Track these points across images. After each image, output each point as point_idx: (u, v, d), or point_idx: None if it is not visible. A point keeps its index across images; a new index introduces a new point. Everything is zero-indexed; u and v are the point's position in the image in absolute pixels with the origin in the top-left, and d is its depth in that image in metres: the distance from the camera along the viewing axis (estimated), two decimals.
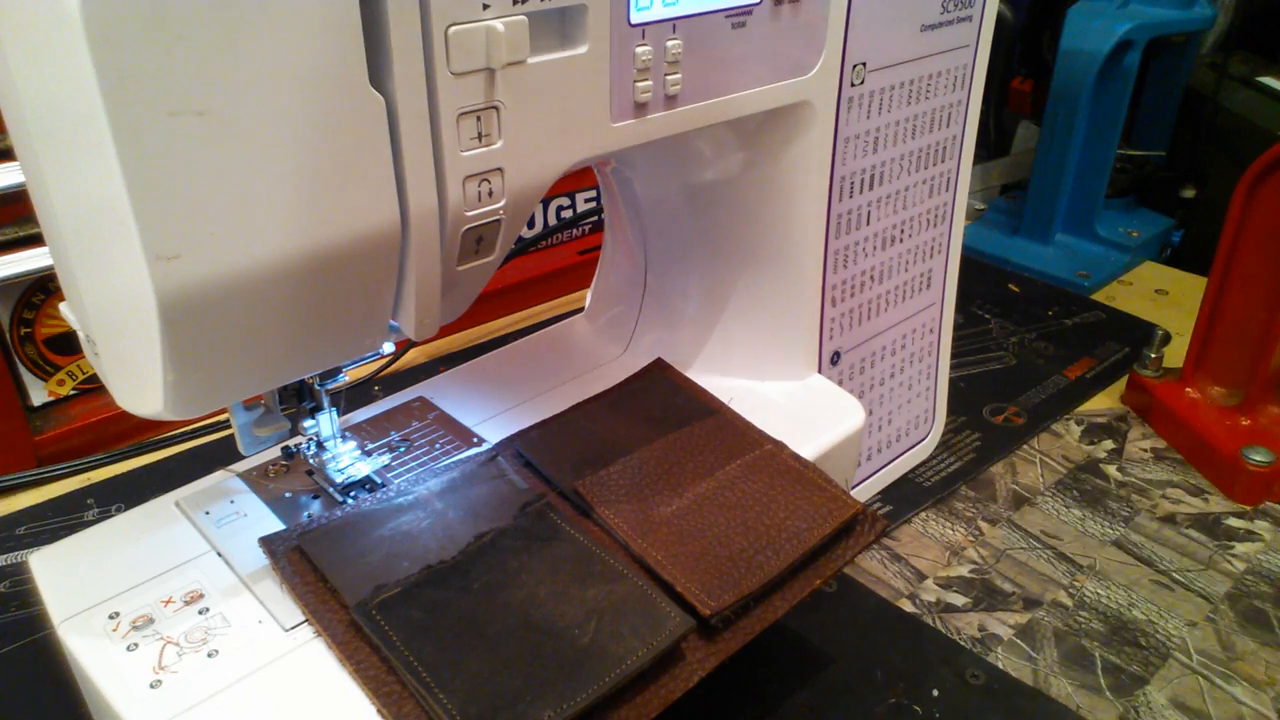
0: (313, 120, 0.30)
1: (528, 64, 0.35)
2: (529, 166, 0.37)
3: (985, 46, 0.58)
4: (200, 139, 0.28)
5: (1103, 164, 0.96)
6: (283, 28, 0.29)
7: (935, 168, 0.59)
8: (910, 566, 0.58)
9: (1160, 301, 0.93)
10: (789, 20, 0.45)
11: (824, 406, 0.54)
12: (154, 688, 0.36)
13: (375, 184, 0.33)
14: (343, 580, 0.39)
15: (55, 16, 0.26)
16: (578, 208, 0.89)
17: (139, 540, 0.44)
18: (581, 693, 0.35)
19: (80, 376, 0.71)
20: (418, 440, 0.51)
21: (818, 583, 0.42)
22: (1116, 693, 0.50)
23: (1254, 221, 0.66)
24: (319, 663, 0.38)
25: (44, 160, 0.30)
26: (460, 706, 0.34)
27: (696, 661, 0.38)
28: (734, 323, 0.57)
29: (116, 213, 0.28)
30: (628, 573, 0.41)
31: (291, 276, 0.32)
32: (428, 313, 0.38)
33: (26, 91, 0.29)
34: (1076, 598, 0.56)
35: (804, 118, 0.49)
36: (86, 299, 0.33)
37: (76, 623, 0.39)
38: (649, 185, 0.56)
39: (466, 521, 0.43)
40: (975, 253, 1.01)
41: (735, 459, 0.48)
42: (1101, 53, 0.89)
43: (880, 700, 0.48)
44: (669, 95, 0.41)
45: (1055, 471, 0.68)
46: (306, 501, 0.46)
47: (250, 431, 0.42)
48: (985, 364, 0.81)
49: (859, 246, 0.56)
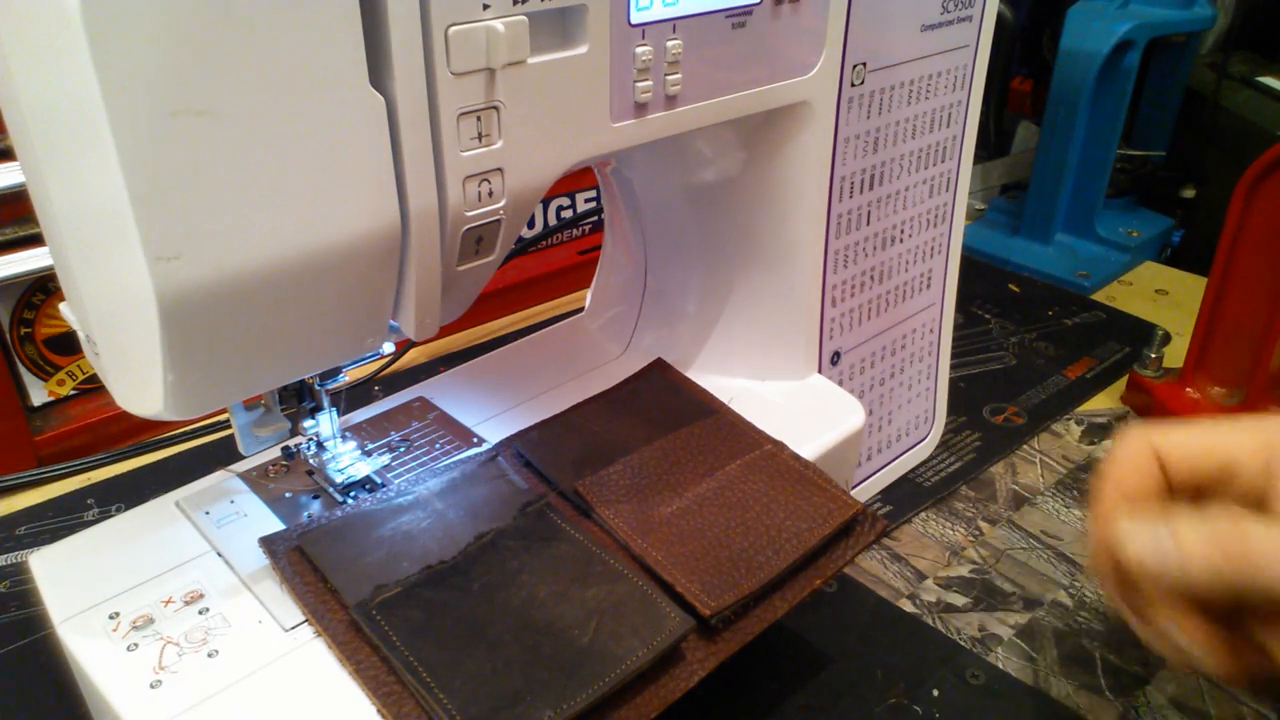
0: (313, 120, 0.30)
1: (528, 64, 0.35)
2: (529, 166, 0.37)
3: (985, 46, 0.58)
4: (200, 139, 0.28)
5: (1103, 164, 0.96)
6: (283, 28, 0.29)
7: (935, 168, 0.59)
8: (910, 566, 0.58)
9: (1160, 301, 0.93)
10: (789, 20, 0.45)
11: (824, 406, 0.54)
12: (154, 688, 0.36)
13: (375, 184, 0.33)
14: (343, 580, 0.39)
15: (55, 16, 0.26)
16: (578, 208, 0.89)
17: (139, 540, 0.44)
18: (581, 693, 0.35)
19: (80, 376, 0.71)
20: (418, 440, 0.51)
21: (818, 583, 0.42)
22: (1116, 693, 0.50)
23: (1254, 221, 0.66)
24: (319, 663, 0.38)
25: (44, 160, 0.30)
26: (460, 706, 0.34)
27: (696, 661, 0.38)
28: (734, 323, 0.57)
29: (116, 213, 0.28)
30: (628, 573, 0.41)
31: (292, 276, 0.32)
32: (428, 313, 0.38)
33: (26, 91, 0.29)
34: (1076, 598, 0.56)
35: (804, 118, 0.49)
36: (86, 299, 0.33)
37: (76, 623, 0.39)
38: (649, 185, 0.56)
39: (466, 522, 0.43)
40: (975, 253, 1.01)
41: (735, 459, 0.48)
42: (1101, 53, 0.89)
43: (880, 700, 0.48)
44: (669, 95, 0.41)
45: (1055, 471, 0.68)
46: (306, 501, 0.46)
47: (250, 431, 0.42)
48: (985, 364, 0.80)
49: (859, 246, 0.56)
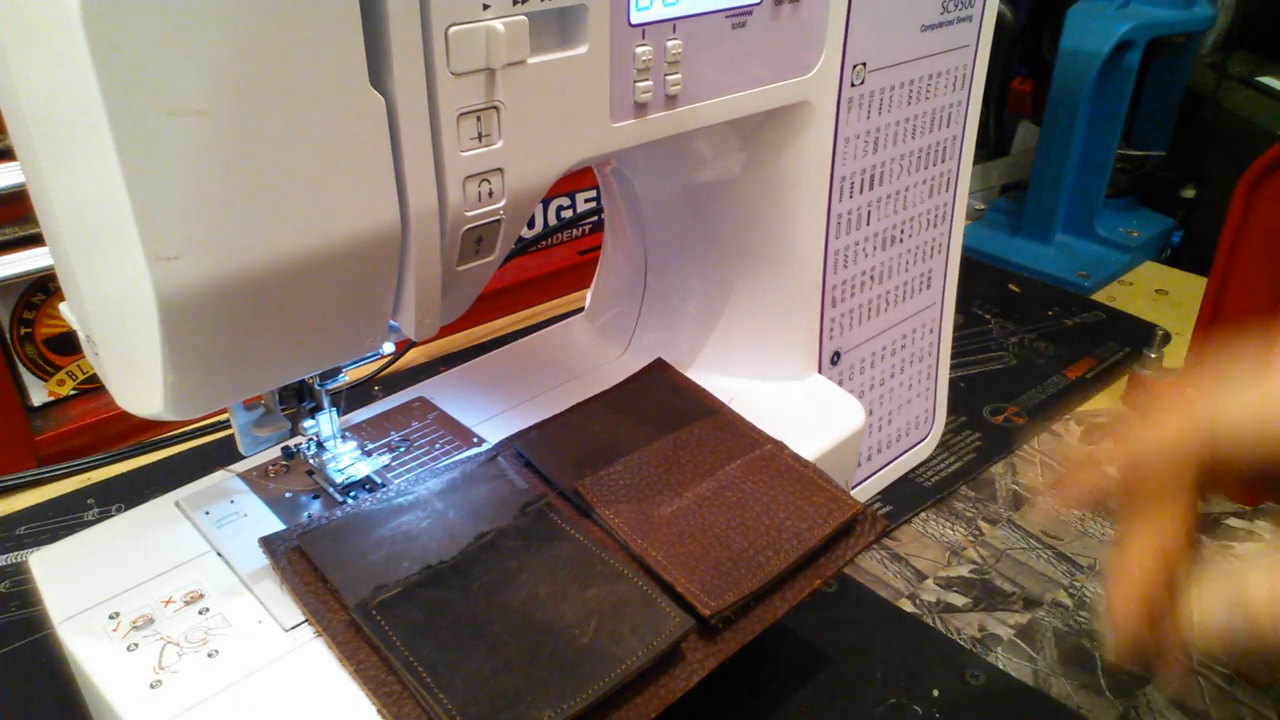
0: (313, 120, 0.30)
1: (528, 64, 0.35)
2: (529, 166, 0.37)
3: (985, 46, 0.58)
4: (200, 139, 0.28)
5: (1103, 164, 0.96)
6: (283, 27, 0.29)
7: (935, 168, 0.59)
8: (910, 566, 0.58)
9: (1160, 301, 0.93)
10: (789, 20, 0.45)
11: (824, 406, 0.54)
12: (154, 688, 0.36)
13: (375, 184, 0.33)
14: (343, 580, 0.39)
15: (55, 16, 0.26)
16: (578, 208, 0.89)
17: (139, 540, 0.44)
18: (581, 693, 0.35)
19: (80, 376, 0.71)
20: (418, 440, 0.51)
21: (818, 583, 0.42)
22: (1116, 693, 0.50)
23: (1254, 221, 0.66)
24: (319, 663, 0.38)
25: (44, 160, 0.30)
26: (460, 706, 0.34)
27: (696, 661, 0.38)
28: (734, 323, 0.57)
29: (116, 213, 0.28)
30: (628, 573, 0.41)
31: (291, 276, 0.32)
32: (428, 313, 0.38)
33: (26, 91, 0.29)
34: (1076, 598, 0.56)
35: (804, 118, 0.49)
36: (86, 299, 0.33)
37: (76, 623, 0.39)
38: (649, 185, 0.56)
39: (467, 521, 0.43)
40: (975, 253, 1.01)
41: (735, 459, 0.48)
42: (1101, 53, 0.89)
43: (880, 700, 0.48)
44: (669, 95, 0.41)
45: (1055, 471, 0.67)
46: (306, 501, 0.46)
47: (250, 431, 0.42)
48: (985, 364, 0.80)
49: (859, 246, 0.56)
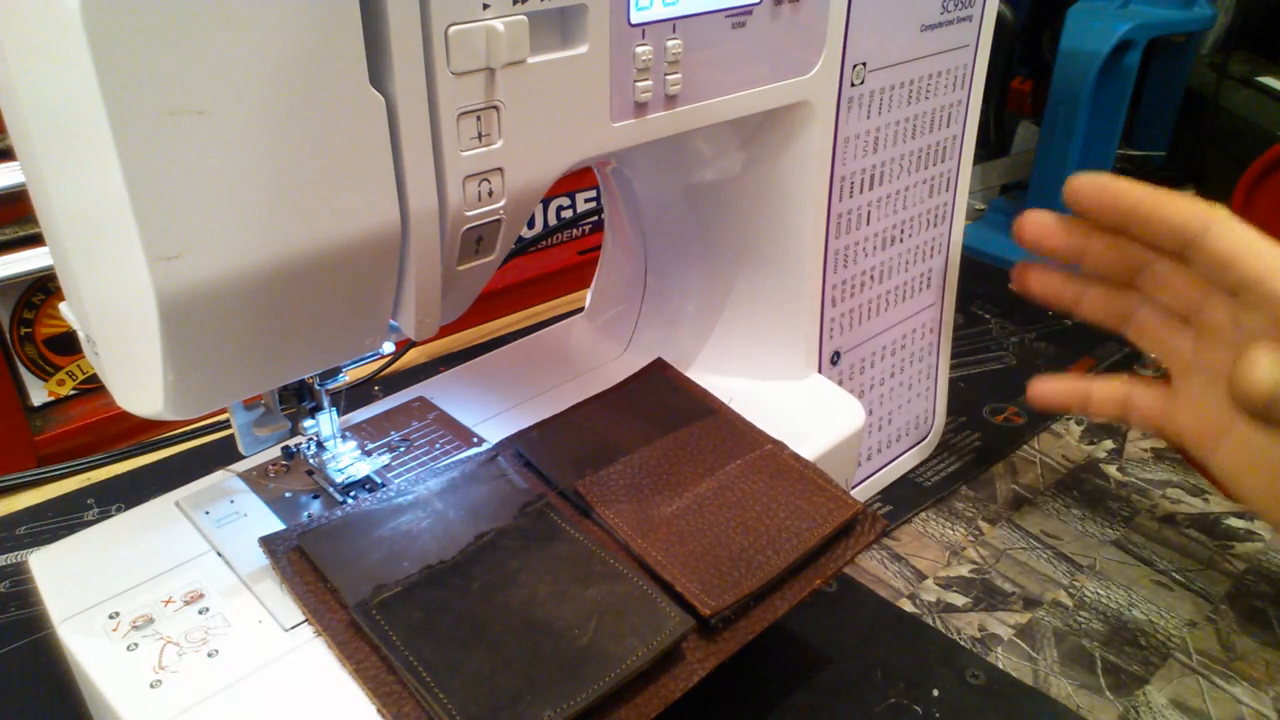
0: (313, 120, 0.30)
1: (528, 64, 0.35)
2: (529, 166, 0.37)
3: (985, 46, 0.58)
4: (200, 139, 0.28)
5: (1103, 164, 0.96)
6: (283, 27, 0.29)
7: (935, 168, 0.59)
8: (910, 566, 0.58)
9: None
10: (789, 20, 0.45)
11: (824, 406, 0.54)
12: (154, 688, 0.36)
13: (375, 184, 0.33)
14: (343, 580, 0.39)
15: (55, 16, 0.26)
16: (578, 208, 0.89)
17: (139, 540, 0.44)
18: (581, 692, 0.35)
19: (80, 376, 0.71)
20: (418, 440, 0.51)
21: (818, 583, 0.42)
22: (1116, 693, 0.50)
23: (1254, 222, 0.65)
24: (319, 663, 0.38)
25: (44, 160, 0.30)
26: (460, 706, 0.34)
27: (696, 661, 0.38)
28: (734, 323, 0.57)
29: (116, 213, 0.28)
30: (628, 573, 0.41)
31: (291, 276, 0.32)
32: (428, 313, 0.38)
33: (26, 91, 0.29)
34: (1076, 598, 0.56)
35: (804, 118, 0.49)
36: (86, 299, 0.33)
37: (76, 623, 0.39)
38: (649, 185, 0.56)
39: (466, 521, 0.43)
40: (975, 253, 1.01)
41: (735, 459, 0.48)
42: (1101, 53, 0.89)
43: (880, 700, 0.48)
44: (669, 95, 0.41)
45: (1055, 471, 0.68)
46: (306, 501, 0.46)
47: (250, 431, 0.42)
48: (985, 364, 0.80)
49: (859, 246, 0.56)
